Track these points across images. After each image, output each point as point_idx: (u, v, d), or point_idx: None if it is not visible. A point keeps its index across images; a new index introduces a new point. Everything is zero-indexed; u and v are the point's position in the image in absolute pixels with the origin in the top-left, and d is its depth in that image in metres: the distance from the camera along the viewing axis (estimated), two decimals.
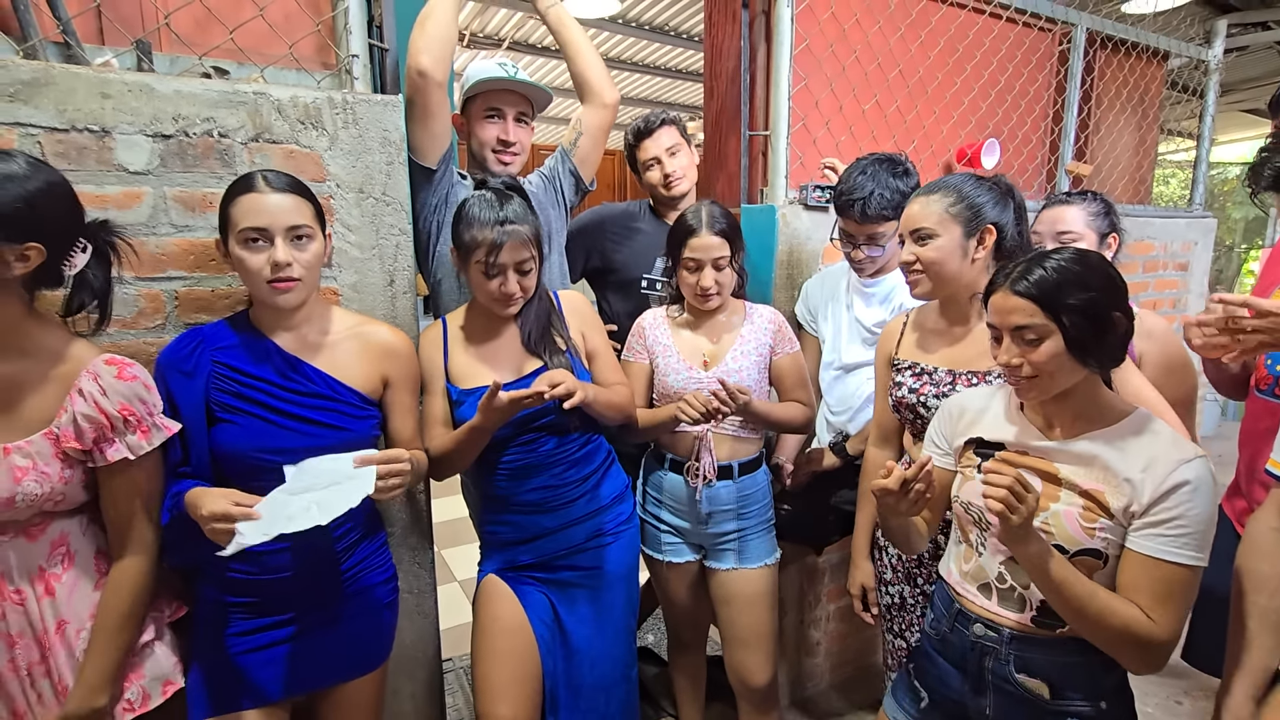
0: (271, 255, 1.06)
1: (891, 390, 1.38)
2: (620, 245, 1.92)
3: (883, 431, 1.47)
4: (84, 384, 0.97)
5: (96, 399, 0.97)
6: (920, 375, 1.34)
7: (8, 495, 0.92)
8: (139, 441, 1.01)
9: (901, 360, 1.39)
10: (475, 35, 4.97)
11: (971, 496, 1.08)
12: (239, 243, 1.06)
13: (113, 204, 1.15)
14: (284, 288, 1.08)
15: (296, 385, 1.13)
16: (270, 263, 1.06)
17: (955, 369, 1.31)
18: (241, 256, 1.06)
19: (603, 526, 1.44)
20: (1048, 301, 0.95)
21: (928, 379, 1.33)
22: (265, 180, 1.08)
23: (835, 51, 2.05)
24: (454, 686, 2.22)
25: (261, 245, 1.06)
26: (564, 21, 1.62)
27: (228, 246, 1.08)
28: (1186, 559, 0.91)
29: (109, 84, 1.12)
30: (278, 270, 1.06)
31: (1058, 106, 2.64)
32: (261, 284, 1.07)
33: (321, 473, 1.01)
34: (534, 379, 1.33)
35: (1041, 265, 0.97)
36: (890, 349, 1.42)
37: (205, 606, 1.14)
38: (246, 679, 1.13)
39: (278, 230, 1.06)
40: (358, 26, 1.34)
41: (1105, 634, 0.94)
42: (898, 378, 1.37)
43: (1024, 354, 0.97)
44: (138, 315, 1.19)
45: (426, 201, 1.51)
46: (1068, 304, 0.94)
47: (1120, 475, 0.96)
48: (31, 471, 0.94)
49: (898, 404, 1.36)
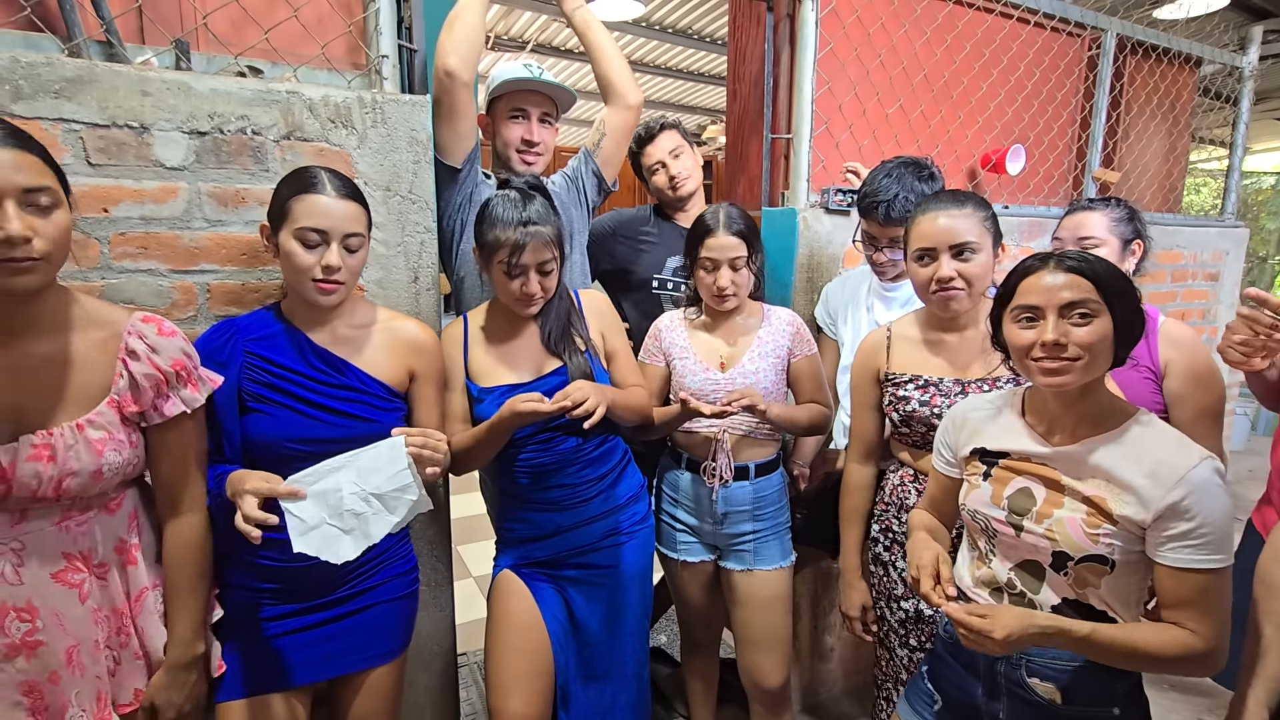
0: (325, 258, 1.08)
1: (896, 405, 1.36)
2: (631, 249, 1.94)
3: (865, 447, 1.46)
4: (133, 344, 0.98)
5: (150, 357, 0.98)
6: (925, 387, 1.33)
7: (95, 468, 0.94)
8: (192, 395, 1.02)
9: (898, 374, 1.37)
10: (501, 37, 5.03)
11: (979, 505, 1.07)
12: (294, 237, 1.08)
13: (150, 199, 1.19)
14: (329, 289, 1.10)
15: (327, 377, 1.15)
16: (322, 265, 1.08)
17: (963, 378, 1.31)
18: (293, 251, 1.08)
19: (618, 525, 1.45)
20: (1102, 282, 0.94)
21: (935, 390, 1.32)
22: (331, 185, 1.10)
23: (860, 55, 2.05)
24: (468, 681, 2.24)
25: (317, 246, 1.08)
26: (589, 24, 1.63)
27: (276, 235, 1.10)
28: (1215, 563, 0.91)
29: (149, 82, 1.16)
30: (328, 273, 1.08)
31: (1085, 112, 2.61)
32: (306, 281, 1.09)
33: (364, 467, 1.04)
34: (553, 379, 1.35)
35: (1080, 254, 0.98)
36: (878, 363, 1.41)
37: (233, 592, 1.17)
38: (271, 663, 1.15)
39: (336, 236, 1.09)
40: (388, 28, 1.37)
41: (1163, 666, 0.94)
42: (899, 392, 1.36)
43: (1070, 333, 0.95)
44: (171, 306, 1.23)
45: (451, 200, 1.53)
46: (1117, 289, 0.95)
47: (1123, 481, 0.95)
48: (110, 441, 0.96)
49: (907, 418, 1.35)
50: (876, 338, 1.43)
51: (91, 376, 0.96)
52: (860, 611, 1.47)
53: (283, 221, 1.09)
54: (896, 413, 1.37)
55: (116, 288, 1.18)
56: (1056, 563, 0.99)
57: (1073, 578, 0.98)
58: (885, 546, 1.44)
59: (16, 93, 1.08)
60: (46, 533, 0.93)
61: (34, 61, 1.08)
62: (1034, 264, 1.00)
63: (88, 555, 0.97)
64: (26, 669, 0.93)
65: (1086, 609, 0.99)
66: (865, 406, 1.44)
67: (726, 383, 1.51)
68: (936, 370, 1.34)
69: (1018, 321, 1.01)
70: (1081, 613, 0.99)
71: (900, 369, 1.37)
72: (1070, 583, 0.99)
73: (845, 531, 1.49)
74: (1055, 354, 0.96)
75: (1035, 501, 1.01)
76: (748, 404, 1.35)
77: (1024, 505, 1.02)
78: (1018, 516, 1.02)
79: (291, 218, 1.08)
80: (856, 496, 1.47)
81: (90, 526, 0.97)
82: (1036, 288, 0.98)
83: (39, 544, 0.92)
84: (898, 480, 1.42)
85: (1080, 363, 0.95)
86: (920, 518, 1.22)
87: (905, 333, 1.40)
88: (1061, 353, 0.95)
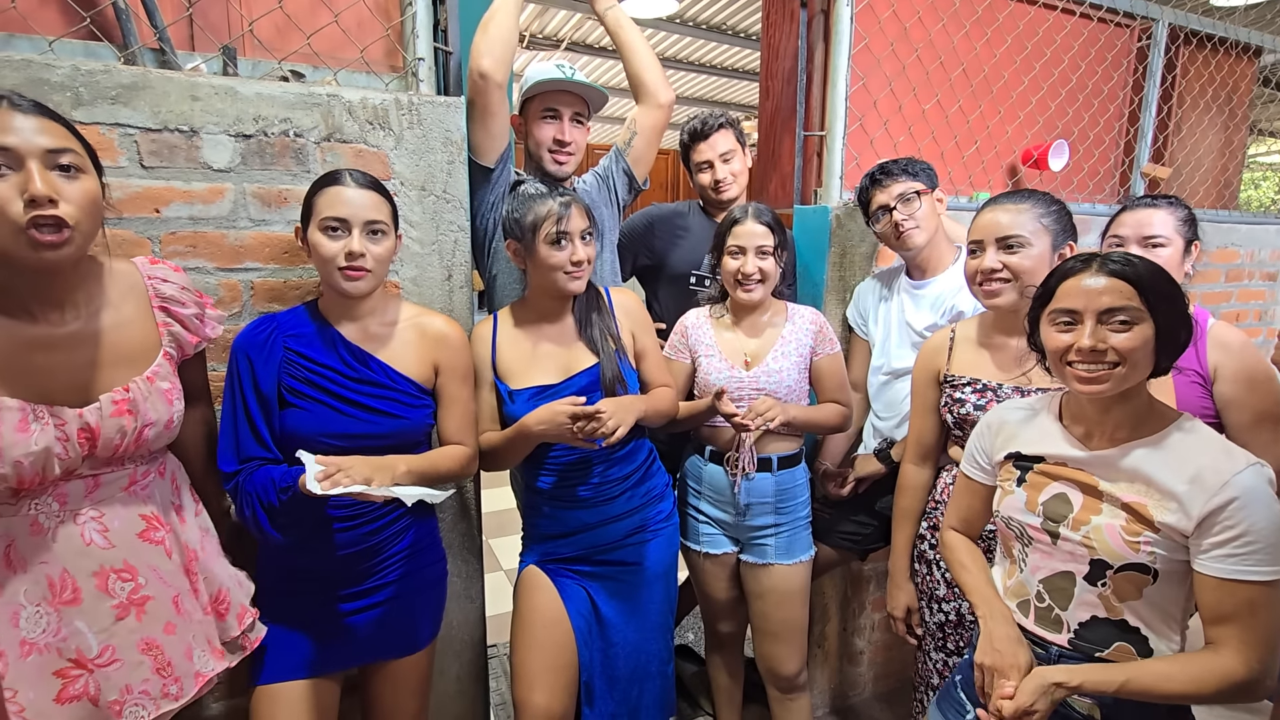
0: (348, 244, 1.12)
1: (951, 408, 1.35)
2: (669, 242, 1.93)
3: (922, 449, 1.45)
4: (161, 289, 1.05)
5: (180, 291, 1.06)
6: (983, 392, 1.31)
7: (169, 417, 1.01)
8: (218, 313, 1.13)
9: (957, 376, 1.35)
10: (534, 36, 5.07)
11: (1013, 511, 1.05)
12: (319, 229, 1.13)
13: (198, 199, 1.24)
14: (354, 275, 1.13)
15: (359, 374, 1.18)
16: (345, 251, 1.12)
17: (1023, 386, 1.28)
18: (319, 242, 1.13)
19: (644, 523, 1.46)
20: (1144, 287, 0.92)
21: (993, 395, 1.30)
22: (350, 177, 1.15)
23: (895, 50, 2.01)
24: (497, 672, 2.28)
25: (340, 234, 1.13)
26: (621, 24, 1.64)
27: (307, 233, 1.15)
28: (1262, 575, 0.86)
29: (198, 87, 1.21)
30: (351, 259, 1.12)
31: (1134, 106, 2.52)
32: (334, 270, 1.13)
33: None
34: (581, 379, 1.36)
35: (1126, 256, 0.95)
36: (939, 365, 1.39)
37: (270, 576, 1.21)
38: (307, 649, 1.19)
39: (356, 223, 1.13)
40: (424, 31, 1.40)
41: (1204, 700, 0.90)
42: (956, 394, 1.34)
43: (1108, 339, 0.93)
44: (217, 303, 1.27)
45: (484, 199, 1.56)
46: (1163, 294, 0.92)
47: (1164, 487, 0.92)
48: (174, 390, 1.03)
49: (961, 421, 1.33)
50: (939, 339, 1.42)
51: (135, 332, 1.01)
52: (905, 613, 1.47)
53: (310, 218, 1.14)
54: (951, 415, 1.35)
55: None
56: (1093, 573, 0.96)
57: (1111, 588, 0.95)
58: (931, 545, 1.42)
59: (77, 99, 1.13)
60: (119, 497, 0.98)
61: (93, 69, 1.14)
62: (1075, 265, 0.98)
63: (158, 515, 1.02)
64: (139, 627, 0.97)
65: (1118, 626, 0.96)
66: (925, 409, 1.43)
67: (750, 380, 1.51)
68: (995, 375, 1.32)
69: (1055, 324, 0.99)
70: (1113, 631, 0.96)
71: (959, 371, 1.36)
72: (1108, 594, 0.96)
73: (897, 532, 1.49)
74: (1092, 360, 0.93)
75: (1072, 508, 0.99)
76: (769, 419, 1.37)
77: (1060, 511, 1.00)
78: (1053, 523, 1.00)
79: (316, 212, 1.13)
80: (911, 497, 1.46)
81: (151, 489, 1.02)
82: (1076, 290, 0.96)
83: (117, 509, 0.97)
84: (950, 479, 1.41)
85: (1118, 370, 0.92)
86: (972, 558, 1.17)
87: (967, 334, 1.39)
88: (1099, 359, 0.93)
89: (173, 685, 1.00)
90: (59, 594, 0.91)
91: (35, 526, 0.91)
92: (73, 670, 0.92)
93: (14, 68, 1.10)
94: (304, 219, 1.16)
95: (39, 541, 0.91)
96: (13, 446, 0.85)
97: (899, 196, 1.56)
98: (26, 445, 0.86)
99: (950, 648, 1.38)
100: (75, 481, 0.94)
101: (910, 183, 1.56)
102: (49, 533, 0.92)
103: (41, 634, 0.90)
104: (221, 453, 1.14)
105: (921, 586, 1.45)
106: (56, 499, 0.93)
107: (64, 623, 0.92)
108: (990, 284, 1.26)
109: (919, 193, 1.56)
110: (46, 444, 0.88)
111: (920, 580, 1.45)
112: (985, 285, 1.28)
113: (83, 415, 0.92)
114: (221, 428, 1.15)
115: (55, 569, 0.91)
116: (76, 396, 0.93)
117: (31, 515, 0.91)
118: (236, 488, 1.12)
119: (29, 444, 0.86)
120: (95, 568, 0.94)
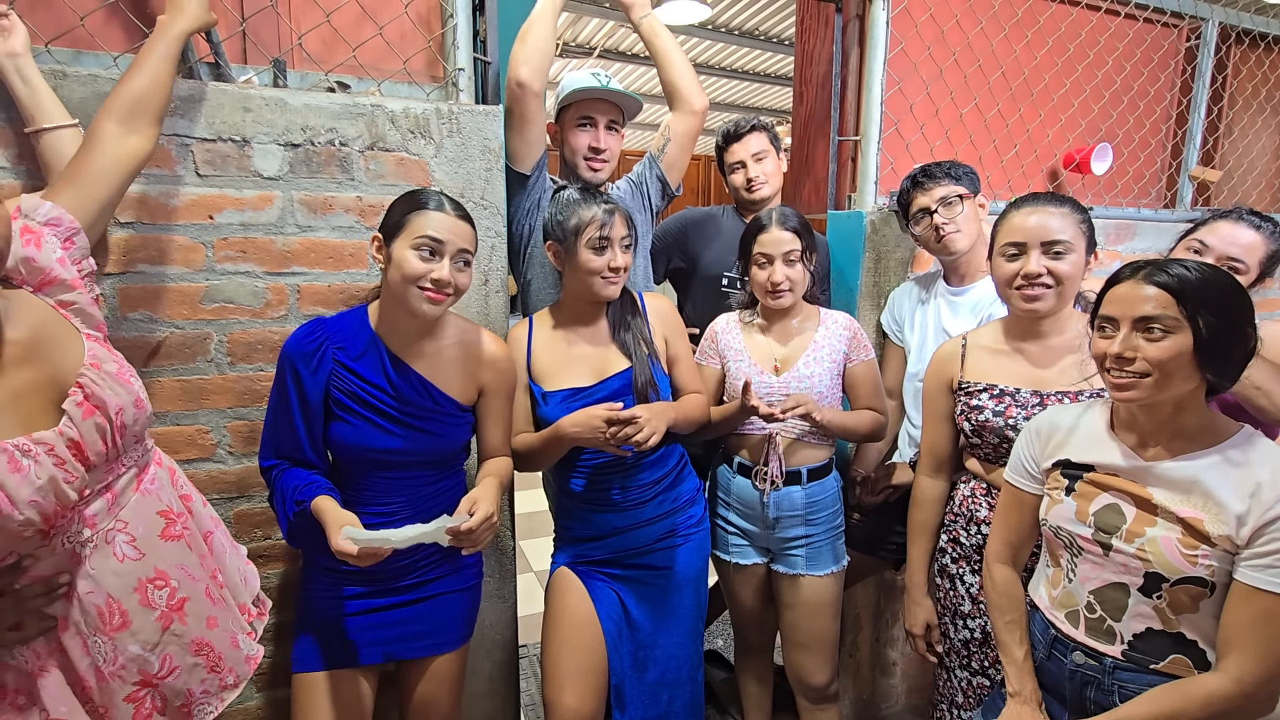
0: (437, 271, 1.13)
1: (969, 415, 1.32)
2: (702, 245, 1.94)
3: (936, 460, 1.42)
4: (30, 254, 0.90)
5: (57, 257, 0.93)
6: (1001, 397, 1.28)
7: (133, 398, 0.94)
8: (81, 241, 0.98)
9: (972, 383, 1.33)
10: (568, 45, 5.13)
11: (1062, 521, 1.03)
12: (411, 246, 1.13)
13: (249, 206, 1.29)
14: (435, 299, 1.15)
15: (403, 393, 1.20)
16: (433, 278, 1.13)
17: (1041, 389, 1.26)
18: (407, 258, 1.12)
19: (674, 527, 1.46)
20: (1185, 298, 0.90)
21: (1011, 400, 1.27)
22: (450, 204, 1.17)
23: (932, 54, 1.99)
24: (528, 672, 2.30)
25: (432, 257, 1.14)
26: (656, 31, 1.66)
27: (390, 246, 1.15)
28: None
29: (250, 99, 1.26)
30: (439, 286, 1.14)
31: (1182, 108, 2.45)
32: (412, 287, 1.13)
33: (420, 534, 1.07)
34: (614, 383, 1.38)
35: (1181, 264, 0.93)
36: (951, 373, 1.37)
37: (315, 571, 1.25)
38: (346, 641, 1.23)
39: (450, 249, 1.14)
40: (464, 42, 1.43)
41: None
42: (973, 401, 1.32)
43: (1141, 348, 0.92)
44: (265, 306, 1.32)
45: (520, 206, 1.59)
46: (1208, 304, 0.90)
47: (1221, 502, 0.89)
48: (124, 368, 0.96)
49: (979, 428, 1.30)
50: (951, 347, 1.40)
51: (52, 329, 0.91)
52: (924, 629, 1.43)
53: (399, 233, 1.14)
54: (969, 422, 1.32)
55: (218, 288, 1.29)
56: (1148, 586, 0.94)
57: (1166, 601, 0.93)
58: (953, 559, 1.39)
59: None
60: (135, 500, 0.96)
61: None
62: (1125, 272, 0.98)
63: (170, 508, 1.02)
64: (185, 630, 0.98)
65: (1174, 639, 0.94)
66: (937, 418, 1.40)
67: (780, 386, 1.50)
68: (1013, 380, 1.29)
69: (1099, 330, 0.99)
70: (1169, 644, 0.94)
71: (975, 377, 1.33)
72: (1163, 606, 0.94)
73: (913, 546, 1.45)
74: (1121, 367, 0.94)
75: (1125, 519, 0.97)
76: (802, 412, 1.35)
77: (1113, 523, 0.98)
78: (1105, 534, 0.98)
79: (410, 229, 1.13)
80: (926, 511, 1.43)
81: (159, 481, 1.01)
82: (1116, 297, 0.96)
83: (136, 514, 0.96)
84: (968, 491, 1.38)
85: (1148, 380, 0.92)
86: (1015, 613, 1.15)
87: (981, 341, 1.36)
88: (1127, 366, 0.93)
89: (229, 676, 1.04)
90: (109, 622, 0.91)
91: (75, 558, 0.89)
92: (140, 691, 0.95)
93: (81, 83, 1.16)
94: (389, 232, 1.16)
95: (82, 571, 0.90)
96: (19, 489, 0.80)
97: (941, 200, 1.54)
98: (31, 482, 0.81)
99: (975, 666, 1.35)
100: (97, 501, 0.91)
101: (953, 186, 1.54)
102: (87, 561, 0.90)
103: (105, 662, 0.92)
104: (262, 447, 1.19)
105: (944, 602, 1.41)
106: (87, 525, 0.90)
107: (119, 650, 0.92)
108: (1033, 289, 1.23)
109: (961, 197, 1.54)
110: (49, 473, 0.83)
111: (943, 595, 1.41)
112: (1026, 290, 1.24)
113: (62, 432, 0.86)
114: (265, 421, 1.19)
115: (100, 597, 0.91)
116: (45, 418, 0.86)
117: (69, 548, 0.89)
118: (270, 481, 1.17)
119: (33, 480, 0.81)
120: (134, 583, 0.94)
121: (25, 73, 1.08)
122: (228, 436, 1.33)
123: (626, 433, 1.23)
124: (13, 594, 0.85)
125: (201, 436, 1.31)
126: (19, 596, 0.85)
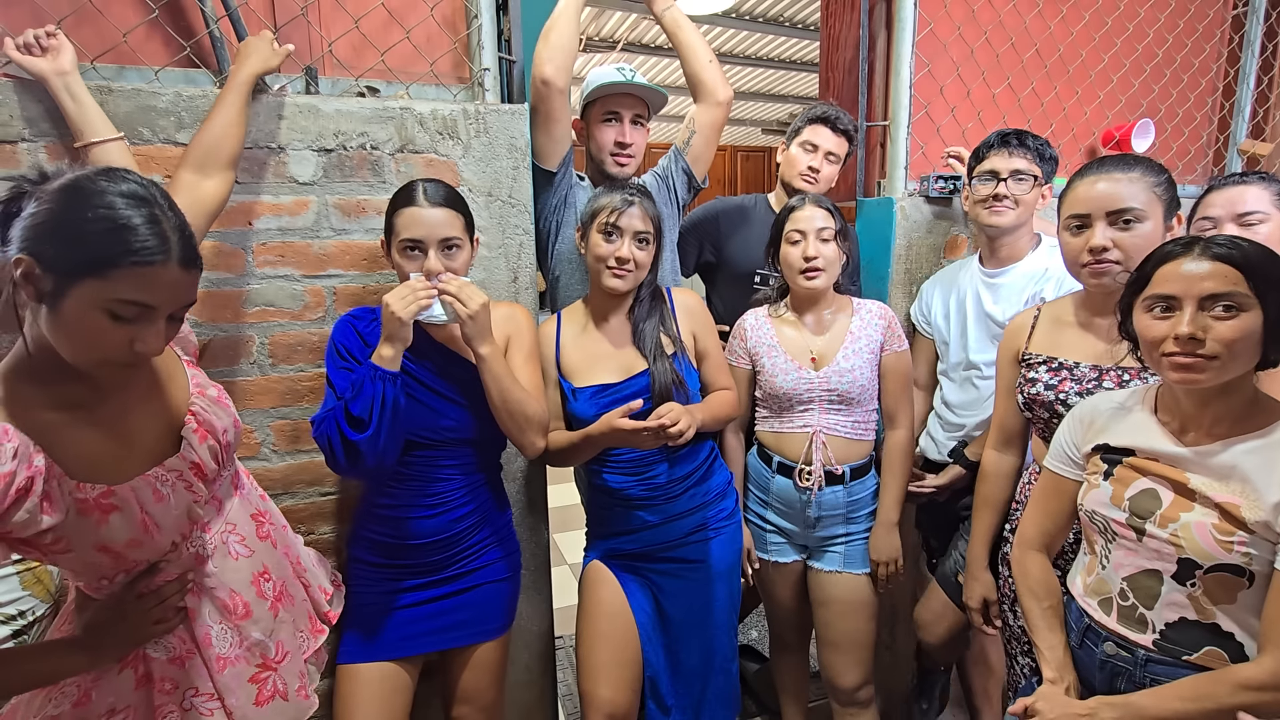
0: (425, 265, 1.17)
1: (1023, 387, 1.29)
2: (733, 237, 1.91)
3: (1005, 434, 1.38)
4: None
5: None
6: (1058, 370, 1.24)
7: (233, 418, 1.03)
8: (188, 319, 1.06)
9: (1034, 355, 1.29)
10: (592, 39, 5.13)
11: (1097, 505, 1.01)
12: (398, 250, 1.19)
13: (285, 212, 1.32)
14: None
15: (448, 372, 1.25)
16: (424, 272, 1.17)
17: (1101, 364, 1.20)
18: (398, 262, 1.20)
19: (706, 521, 1.46)
20: (1255, 273, 0.85)
21: (1067, 374, 1.23)
22: (425, 193, 1.18)
23: (963, 34, 1.94)
24: (564, 663, 2.33)
25: (416, 255, 1.18)
26: (679, 23, 1.65)
27: (390, 249, 1.21)
28: None
29: (284, 106, 1.29)
30: (431, 278, 1.17)
31: (1229, 79, 2.35)
32: None
33: None
34: (642, 379, 1.38)
35: (1234, 240, 0.88)
36: (1019, 344, 1.33)
37: (357, 566, 1.29)
38: (389, 633, 1.26)
39: (431, 242, 1.17)
40: (489, 42, 1.45)
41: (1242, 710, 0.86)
42: (1030, 374, 1.28)
43: (1211, 327, 0.87)
44: (303, 309, 1.36)
45: (547, 202, 1.60)
46: (1275, 279, 0.85)
47: (1260, 488, 0.86)
48: (221, 392, 1.04)
49: (1030, 401, 1.27)
50: (1024, 318, 1.35)
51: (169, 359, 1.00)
52: (980, 604, 1.40)
53: (391, 237, 1.20)
54: (1022, 395, 1.29)
55: (259, 292, 1.33)
56: (1181, 573, 0.91)
57: (1201, 589, 0.91)
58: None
59: (179, 123, 1.23)
60: (236, 504, 1.07)
61: (193, 95, 1.23)
62: (1174, 249, 0.92)
63: (258, 510, 1.12)
64: (288, 616, 1.10)
65: (1210, 630, 0.91)
66: (1006, 390, 1.36)
67: (821, 381, 1.48)
68: (1075, 354, 1.24)
69: (1151, 311, 0.93)
70: (1203, 635, 0.92)
71: (1038, 349, 1.29)
72: (1198, 595, 0.91)
73: (976, 520, 1.43)
74: (1190, 349, 0.88)
75: (1160, 504, 0.94)
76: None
77: (1147, 507, 0.95)
78: (1139, 519, 0.95)
79: (395, 231, 1.19)
80: (992, 485, 1.40)
81: (246, 485, 1.12)
82: (1175, 275, 0.90)
83: (240, 516, 1.06)
84: (1028, 479, 1.36)
85: (1217, 362, 0.87)
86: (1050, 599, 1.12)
87: (1053, 313, 1.31)
88: (1197, 348, 0.87)
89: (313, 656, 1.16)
90: (234, 612, 1.01)
91: (199, 559, 0.99)
92: (262, 673, 1.04)
93: (126, 97, 1.20)
94: (385, 236, 1.22)
95: (205, 570, 0.99)
96: (164, 515, 0.90)
97: (1015, 172, 1.49)
98: (170, 510, 0.90)
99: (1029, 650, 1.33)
100: (207, 508, 1.00)
101: (1033, 165, 1.49)
102: (209, 561, 1.00)
103: (229, 648, 1.01)
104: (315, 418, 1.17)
105: (1005, 589, 1.38)
106: (205, 530, 1.00)
107: (243, 636, 1.02)
108: (1100, 264, 1.15)
109: (1036, 178, 1.50)
110: (185, 501, 0.93)
111: (1003, 582, 1.39)
112: (1093, 266, 1.16)
113: (184, 457, 0.94)
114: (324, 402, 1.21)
115: (224, 592, 1.00)
116: (165, 444, 0.94)
117: (194, 551, 0.98)
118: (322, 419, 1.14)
119: (171, 509, 0.91)
120: (249, 577, 1.04)
121: (74, 90, 1.12)
122: (271, 435, 1.37)
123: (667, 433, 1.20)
124: (154, 593, 0.93)
125: (247, 436, 1.36)
126: (159, 594, 0.94)
